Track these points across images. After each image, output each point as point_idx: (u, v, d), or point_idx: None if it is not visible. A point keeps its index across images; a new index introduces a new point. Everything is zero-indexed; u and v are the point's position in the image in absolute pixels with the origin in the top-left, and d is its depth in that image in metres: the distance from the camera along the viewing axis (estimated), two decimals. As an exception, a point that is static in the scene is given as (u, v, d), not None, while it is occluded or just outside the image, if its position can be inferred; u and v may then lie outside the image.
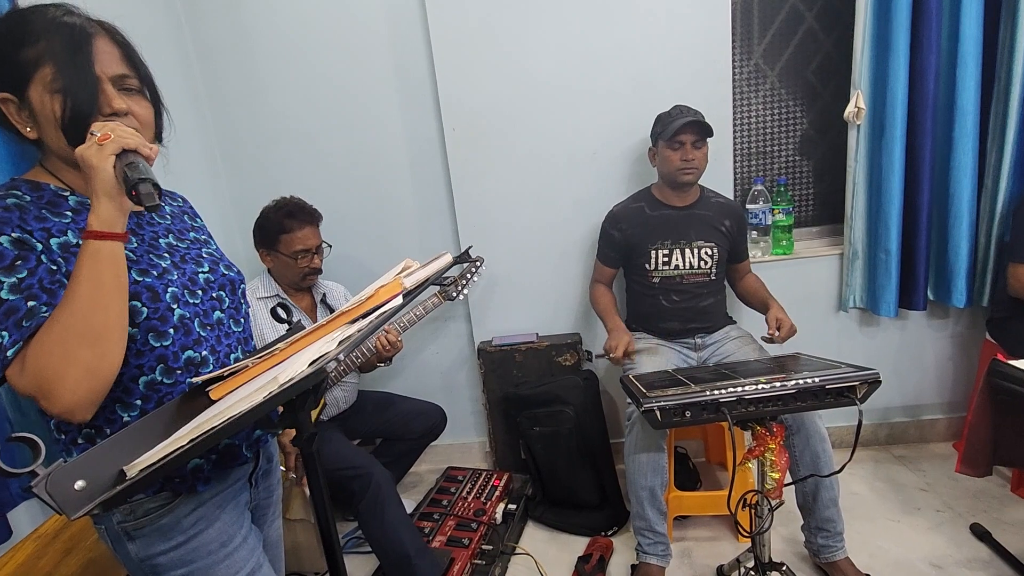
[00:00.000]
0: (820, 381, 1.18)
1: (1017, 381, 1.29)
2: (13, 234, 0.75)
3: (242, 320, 1.05)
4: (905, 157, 1.94)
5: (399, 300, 0.73)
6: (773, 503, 1.28)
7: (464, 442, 2.52)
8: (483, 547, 1.86)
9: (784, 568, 1.39)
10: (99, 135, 0.75)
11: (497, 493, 2.08)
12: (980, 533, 1.77)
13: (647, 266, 1.91)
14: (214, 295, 0.98)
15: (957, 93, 1.86)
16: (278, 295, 1.87)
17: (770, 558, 1.40)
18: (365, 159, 2.26)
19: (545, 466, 2.07)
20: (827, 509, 1.62)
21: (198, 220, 1.08)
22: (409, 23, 2.11)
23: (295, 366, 0.63)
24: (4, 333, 0.72)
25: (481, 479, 2.18)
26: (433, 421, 2.15)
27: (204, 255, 1.01)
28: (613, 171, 2.16)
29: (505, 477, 2.18)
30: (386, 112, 2.20)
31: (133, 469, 0.66)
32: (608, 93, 2.08)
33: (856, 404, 1.18)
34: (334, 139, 2.25)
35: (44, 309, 0.75)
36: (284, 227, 1.85)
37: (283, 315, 1.12)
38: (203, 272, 0.97)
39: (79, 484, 0.63)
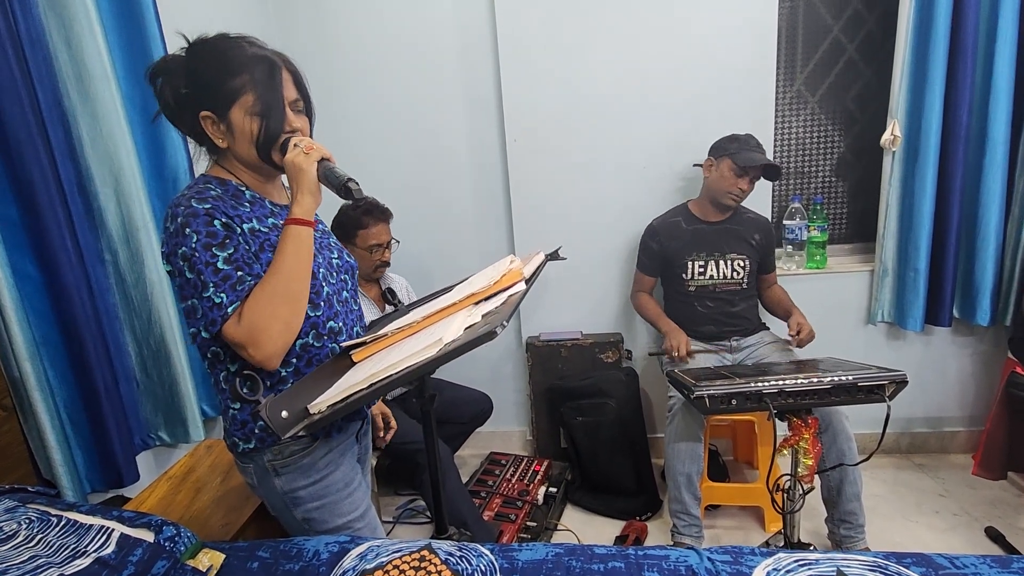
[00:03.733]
0: (854, 379, 1.34)
1: (1033, 392, 1.43)
2: (222, 219, 0.95)
3: (358, 300, 1.25)
4: (937, 183, 2.07)
5: (522, 285, 0.91)
6: (805, 487, 1.44)
7: (506, 430, 2.69)
8: (528, 523, 2.04)
9: (811, 548, 1.55)
10: (303, 146, 0.95)
11: (538, 477, 2.25)
12: (994, 535, 1.89)
13: (684, 276, 2.08)
14: (342, 277, 1.18)
15: (989, 125, 1.99)
16: (354, 284, 2.07)
17: (799, 538, 1.55)
18: (430, 165, 2.45)
19: (586, 453, 2.24)
20: (850, 503, 1.76)
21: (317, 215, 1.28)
22: (479, 42, 2.30)
23: (451, 331, 0.82)
24: (223, 295, 0.92)
25: (523, 464, 2.36)
26: (481, 407, 2.32)
27: (332, 244, 1.21)
28: (659, 183, 2.32)
29: (545, 463, 2.34)
30: (453, 123, 2.40)
31: (321, 405, 0.85)
32: (659, 112, 2.25)
33: (885, 401, 1.34)
34: (403, 145, 2.44)
35: (248, 279, 0.95)
36: (361, 223, 2.04)
37: (390, 298, 1.32)
38: (334, 258, 1.17)
39: (284, 413, 0.83)
